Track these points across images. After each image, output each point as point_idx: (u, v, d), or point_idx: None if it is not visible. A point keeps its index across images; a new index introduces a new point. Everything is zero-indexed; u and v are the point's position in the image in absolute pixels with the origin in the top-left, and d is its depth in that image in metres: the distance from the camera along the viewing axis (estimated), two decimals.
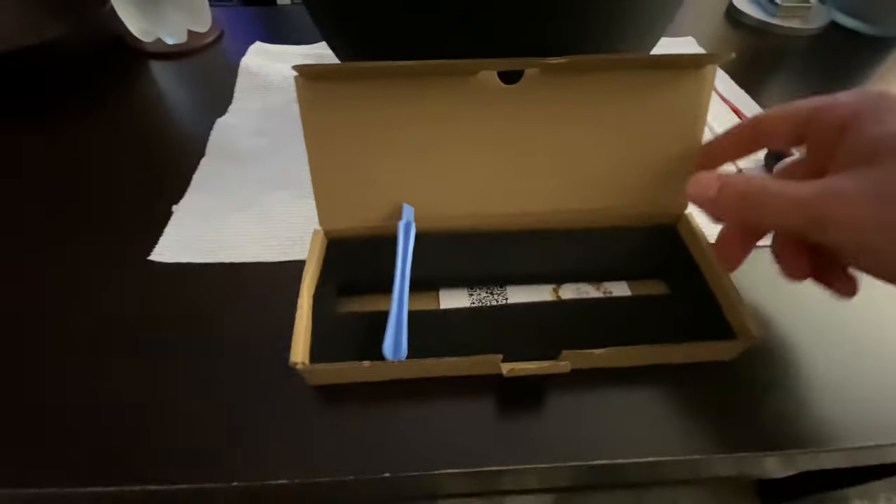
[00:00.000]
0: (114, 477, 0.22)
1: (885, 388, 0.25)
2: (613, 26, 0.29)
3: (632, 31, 0.30)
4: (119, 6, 0.47)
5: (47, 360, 0.26)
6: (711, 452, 0.23)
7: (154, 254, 0.31)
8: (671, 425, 0.24)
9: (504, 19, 0.27)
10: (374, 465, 0.22)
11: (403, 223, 0.27)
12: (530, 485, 0.25)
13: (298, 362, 0.22)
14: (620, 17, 0.28)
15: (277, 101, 0.43)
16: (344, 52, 0.34)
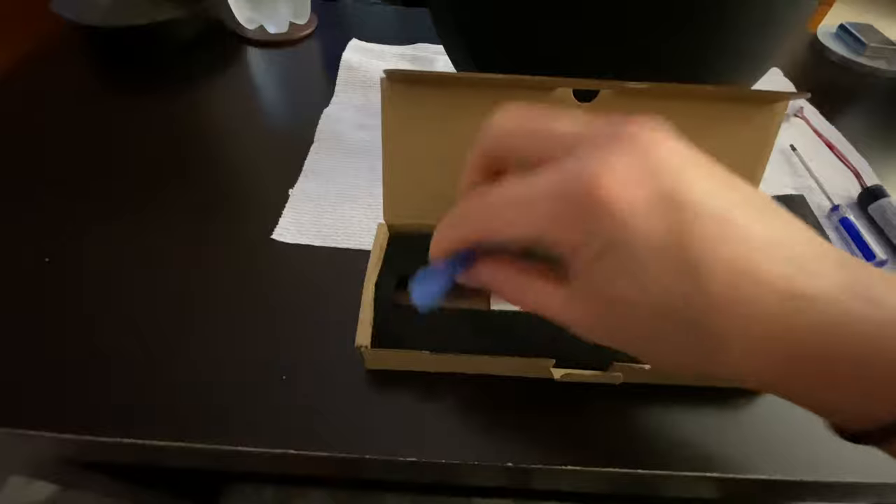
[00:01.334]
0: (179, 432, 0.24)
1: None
2: (728, 63, 0.30)
3: (740, 65, 0.31)
4: None
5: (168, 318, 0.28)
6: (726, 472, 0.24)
7: (276, 234, 0.32)
8: (703, 445, 0.25)
9: (632, 45, 0.28)
10: (408, 448, 0.24)
11: None
12: (561, 486, 0.27)
13: (362, 346, 0.24)
14: (734, 52, 0.30)
15: (376, 98, 0.45)
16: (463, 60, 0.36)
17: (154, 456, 0.26)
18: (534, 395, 0.26)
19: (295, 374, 0.26)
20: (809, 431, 0.25)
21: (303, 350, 0.27)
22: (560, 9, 0.27)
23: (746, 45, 0.30)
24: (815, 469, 0.24)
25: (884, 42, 0.54)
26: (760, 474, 0.24)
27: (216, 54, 0.50)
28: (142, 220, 0.33)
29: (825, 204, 0.37)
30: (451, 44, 0.36)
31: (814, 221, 0.35)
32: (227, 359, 0.27)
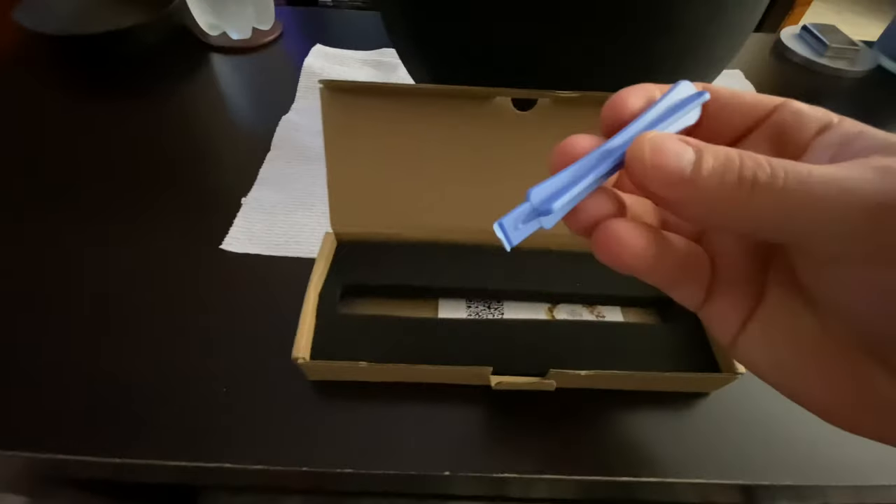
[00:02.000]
0: (118, 450, 0.24)
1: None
2: (679, 63, 0.30)
3: (695, 66, 0.31)
4: (191, 1, 0.49)
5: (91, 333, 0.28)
6: (680, 477, 0.24)
7: (225, 243, 0.32)
8: (648, 449, 0.25)
9: (577, 51, 0.28)
10: (352, 459, 0.24)
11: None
12: (509, 493, 0.27)
13: (299, 357, 0.24)
14: (686, 53, 0.30)
15: None
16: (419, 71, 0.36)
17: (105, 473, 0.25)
18: (476, 403, 0.26)
19: (239, 387, 0.26)
20: (746, 432, 0.26)
21: (248, 362, 0.27)
22: (510, 15, 0.27)
23: (695, 47, 0.30)
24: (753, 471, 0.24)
25: (845, 43, 0.54)
26: (709, 478, 0.24)
27: (179, 61, 0.50)
28: (91, 227, 0.33)
29: None
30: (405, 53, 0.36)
31: None
32: (168, 372, 0.27)
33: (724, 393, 0.27)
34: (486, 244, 0.30)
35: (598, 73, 0.28)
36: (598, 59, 0.28)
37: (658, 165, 0.13)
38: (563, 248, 0.30)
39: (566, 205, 0.15)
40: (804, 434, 0.26)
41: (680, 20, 0.27)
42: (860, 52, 0.55)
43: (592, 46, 0.28)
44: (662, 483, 0.24)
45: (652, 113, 0.15)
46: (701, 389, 0.27)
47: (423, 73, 0.33)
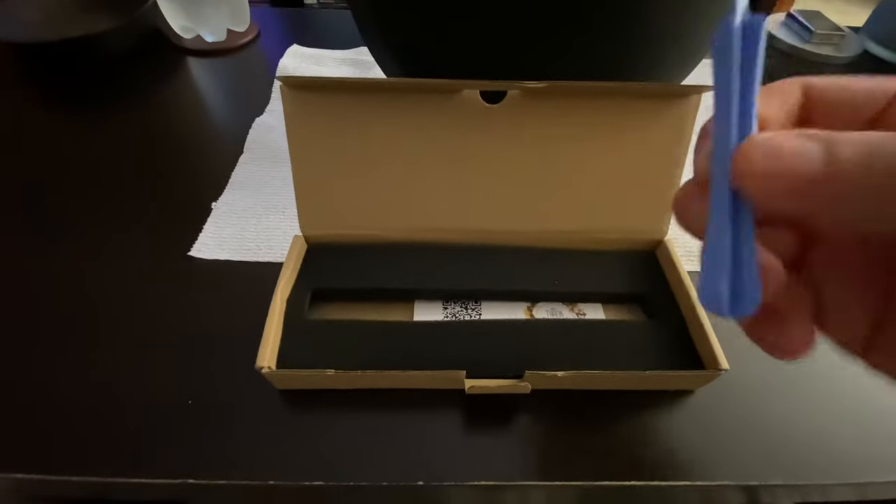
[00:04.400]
0: (77, 467, 0.23)
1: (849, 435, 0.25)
2: (654, 54, 0.29)
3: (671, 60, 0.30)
4: (162, 3, 0.48)
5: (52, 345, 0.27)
6: (669, 480, 0.23)
7: (194, 249, 0.31)
8: (631, 450, 0.24)
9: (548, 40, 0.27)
10: (323, 471, 0.23)
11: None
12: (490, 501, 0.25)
13: (264, 366, 0.23)
14: (660, 45, 0.29)
15: None
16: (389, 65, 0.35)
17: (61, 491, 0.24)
18: (453, 409, 0.25)
19: (206, 398, 0.25)
20: (735, 430, 0.25)
21: (217, 371, 0.26)
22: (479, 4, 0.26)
23: (672, 35, 0.29)
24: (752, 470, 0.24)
25: (831, 28, 0.54)
26: (700, 479, 0.23)
27: (152, 66, 0.49)
28: (59, 236, 0.32)
29: None
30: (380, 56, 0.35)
31: None
32: (131, 382, 0.26)
33: (710, 389, 0.26)
34: (462, 243, 0.29)
35: (569, 63, 0.27)
36: (568, 48, 0.27)
37: (779, 174, 0.11)
38: (542, 246, 0.30)
39: (753, 290, 0.12)
40: (795, 431, 0.25)
41: (654, 5, 0.27)
42: (846, 37, 0.54)
43: (563, 36, 0.27)
44: (647, 486, 0.23)
45: (727, 96, 0.12)
46: (685, 387, 0.26)
47: (394, 67, 0.33)
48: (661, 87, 0.27)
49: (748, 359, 0.27)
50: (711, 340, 0.24)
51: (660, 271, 0.29)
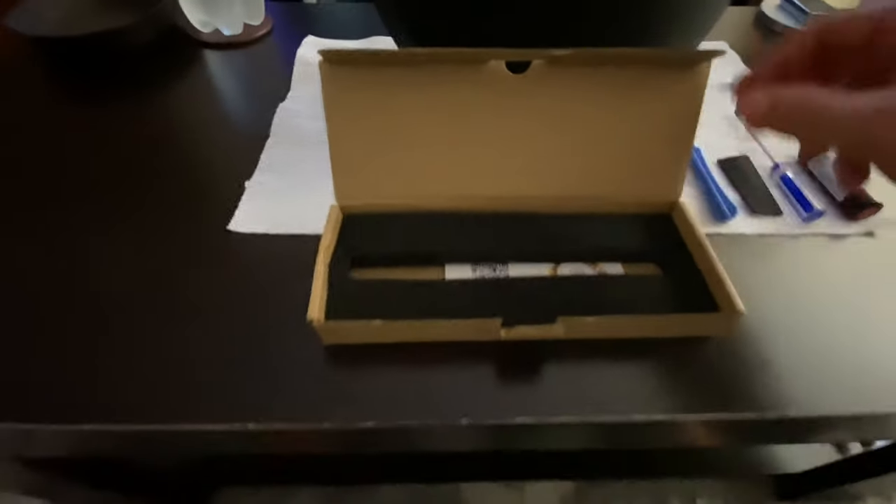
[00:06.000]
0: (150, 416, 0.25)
1: (865, 365, 0.27)
2: (659, 27, 0.31)
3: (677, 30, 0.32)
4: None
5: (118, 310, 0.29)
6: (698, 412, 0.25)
7: (231, 224, 0.33)
8: (658, 393, 0.26)
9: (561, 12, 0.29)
10: (372, 415, 0.24)
11: None
12: (526, 444, 0.27)
13: (314, 319, 0.25)
14: (668, 17, 0.31)
15: None
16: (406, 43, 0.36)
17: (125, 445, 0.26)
18: (487, 359, 0.27)
19: (256, 355, 0.27)
20: (764, 369, 0.27)
21: (262, 332, 0.28)
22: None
23: (683, 8, 0.31)
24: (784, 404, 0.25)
25: (825, 10, 0.56)
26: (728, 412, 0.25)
27: (172, 58, 0.51)
28: (102, 222, 0.34)
29: (768, 164, 0.38)
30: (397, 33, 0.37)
31: (756, 180, 0.37)
32: (190, 343, 0.27)
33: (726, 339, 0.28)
34: (488, 209, 0.31)
35: (585, 32, 0.29)
36: (587, 17, 0.29)
37: (744, 114, 0.21)
38: (563, 210, 0.31)
39: None
40: (824, 365, 0.27)
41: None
42: None
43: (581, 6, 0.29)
44: (673, 423, 0.25)
45: None
46: (705, 332, 0.28)
47: None
48: (676, 53, 0.29)
49: (762, 306, 0.29)
50: (728, 287, 0.26)
51: (674, 231, 0.31)
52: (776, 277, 0.31)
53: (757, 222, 0.34)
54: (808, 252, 0.33)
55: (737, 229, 0.34)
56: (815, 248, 0.33)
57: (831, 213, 0.35)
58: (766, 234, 0.34)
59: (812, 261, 0.32)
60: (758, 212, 0.35)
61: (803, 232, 0.34)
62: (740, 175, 0.37)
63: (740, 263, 0.31)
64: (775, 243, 0.33)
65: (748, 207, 0.35)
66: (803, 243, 0.33)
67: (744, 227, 0.34)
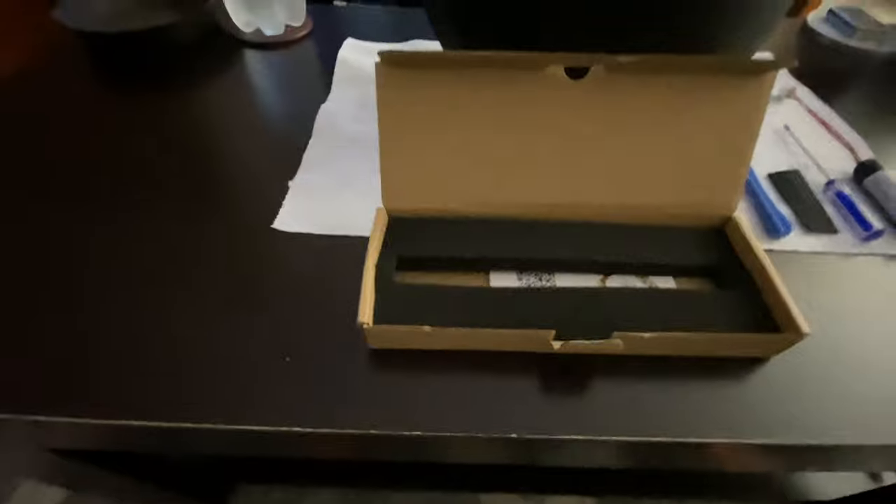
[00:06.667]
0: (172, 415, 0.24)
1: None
2: (716, 34, 0.30)
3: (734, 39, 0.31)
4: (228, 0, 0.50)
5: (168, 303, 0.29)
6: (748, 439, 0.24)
7: (276, 223, 0.33)
8: (712, 415, 0.25)
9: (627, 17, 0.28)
10: (410, 425, 0.24)
11: None
12: (566, 461, 0.27)
13: (364, 322, 0.24)
14: (725, 24, 0.30)
15: (372, 92, 0.45)
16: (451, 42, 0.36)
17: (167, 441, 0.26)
18: (534, 372, 0.26)
19: (299, 356, 0.26)
20: (822, 393, 0.25)
21: (304, 333, 0.27)
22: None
23: (746, 15, 0.30)
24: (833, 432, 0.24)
25: (873, 24, 0.54)
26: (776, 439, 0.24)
27: (214, 56, 0.51)
28: (146, 214, 0.34)
29: (821, 179, 0.37)
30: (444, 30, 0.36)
31: (809, 196, 0.35)
32: (232, 341, 0.27)
33: (780, 357, 0.27)
34: (538, 218, 0.31)
35: (643, 44, 0.28)
36: (640, 24, 0.28)
37: None
38: (614, 220, 0.31)
39: None
40: (877, 392, 0.25)
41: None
42: (887, 32, 0.55)
43: (637, 16, 0.28)
44: (732, 445, 0.24)
45: None
46: (764, 353, 0.27)
47: None
48: (739, 61, 0.28)
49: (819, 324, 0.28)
50: (790, 306, 0.25)
51: (728, 246, 0.30)
52: (831, 297, 0.30)
53: (811, 240, 0.33)
54: (864, 272, 0.32)
55: (790, 246, 0.33)
56: (872, 268, 0.32)
57: (890, 233, 0.33)
58: (821, 252, 0.33)
59: (869, 281, 0.31)
60: (812, 229, 0.34)
61: (860, 251, 0.33)
62: (792, 190, 0.36)
63: (793, 282, 0.30)
64: (831, 262, 0.32)
65: (802, 224, 0.34)
66: (860, 263, 0.32)
67: (797, 245, 0.33)
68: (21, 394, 0.25)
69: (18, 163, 0.38)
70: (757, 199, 0.35)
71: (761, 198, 0.35)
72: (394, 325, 0.25)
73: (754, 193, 0.35)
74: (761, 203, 0.34)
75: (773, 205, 0.34)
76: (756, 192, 0.35)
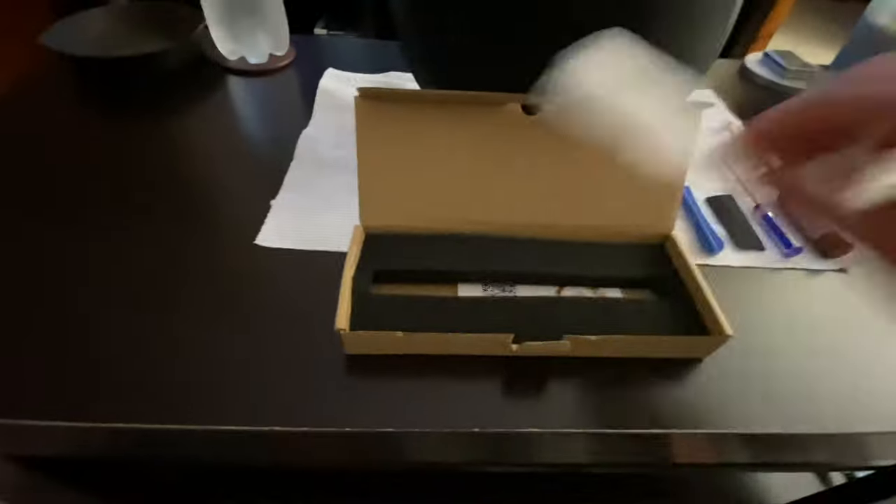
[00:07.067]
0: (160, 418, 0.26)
1: (840, 389, 0.30)
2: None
3: None
4: (213, 28, 0.53)
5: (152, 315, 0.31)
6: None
7: (259, 239, 0.35)
8: (654, 409, 0.28)
9: None
10: (393, 421, 0.26)
11: None
12: (527, 456, 0.29)
13: (342, 328, 0.27)
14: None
15: (351, 120, 0.48)
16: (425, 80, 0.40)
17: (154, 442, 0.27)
18: (497, 373, 0.29)
19: (279, 364, 0.29)
20: (759, 389, 0.29)
21: (285, 341, 0.30)
22: (512, 41, 0.31)
23: (680, 49, 0.34)
24: None
25: (803, 66, 0.61)
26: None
27: (200, 83, 0.54)
28: (134, 233, 0.36)
29: (751, 203, 0.42)
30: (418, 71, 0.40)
31: (740, 217, 0.40)
32: (214, 350, 0.29)
33: (716, 358, 0.30)
34: (501, 235, 0.34)
35: None
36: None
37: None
38: (568, 238, 0.34)
39: None
40: (802, 388, 0.29)
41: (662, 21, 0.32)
42: (816, 73, 0.62)
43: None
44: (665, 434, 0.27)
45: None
46: (696, 354, 0.30)
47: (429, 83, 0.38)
48: None
49: (749, 329, 0.32)
50: (716, 311, 0.29)
51: (667, 261, 0.34)
52: (759, 306, 0.34)
53: (742, 256, 0.37)
54: (788, 284, 0.36)
55: (723, 261, 0.37)
56: (794, 281, 0.36)
57: (809, 250, 0.38)
58: (750, 267, 0.37)
59: (791, 292, 0.36)
60: (742, 246, 0.38)
61: (784, 266, 0.37)
62: (726, 212, 0.41)
63: (725, 293, 0.34)
64: (758, 275, 0.37)
65: (734, 242, 0.38)
66: (784, 276, 0.37)
67: (730, 260, 0.37)
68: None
69: (8, 183, 0.40)
70: (695, 219, 0.39)
71: (699, 218, 0.39)
72: (368, 330, 0.28)
73: (693, 214, 0.40)
74: (698, 223, 0.39)
75: (708, 225, 0.39)
76: (694, 213, 0.40)
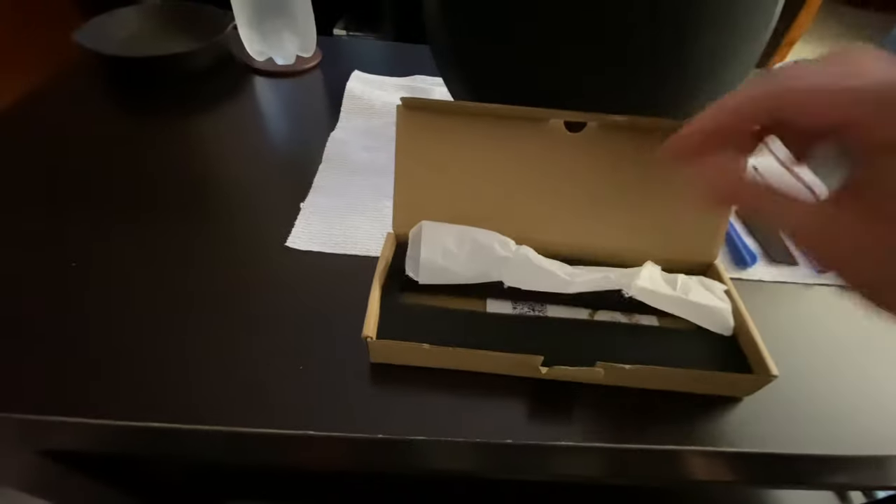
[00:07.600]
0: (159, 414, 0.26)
1: (872, 409, 0.29)
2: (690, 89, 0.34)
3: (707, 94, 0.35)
4: (242, 29, 0.53)
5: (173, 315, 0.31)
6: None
7: (289, 241, 0.35)
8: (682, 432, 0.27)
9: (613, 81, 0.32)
10: (408, 431, 0.26)
11: None
12: (548, 470, 0.29)
13: (368, 336, 0.27)
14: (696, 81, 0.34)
15: (379, 123, 0.49)
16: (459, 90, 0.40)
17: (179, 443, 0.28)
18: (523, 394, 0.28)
19: (308, 367, 0.29)
20: (782, 435, 0.29)
21: (314, 345, 0.30)
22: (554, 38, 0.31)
23: (704, 81, 0.34)
24: None
25: None
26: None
27: (227, 83, 0.54)
28: (160, 232, 0.36)
29: None
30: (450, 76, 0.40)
31: (774, 231, 0.39)
32: (243, 351, 0.29)
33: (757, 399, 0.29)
34: None
35: (629, 100, 0.32)
36: (632, 86, 0.32)
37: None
38: (604, 262, 0.33)
39: None
40: (827, 408, 0.29)
41: (690, 46, 0.31)
42: None
43: (628, 76, 0.32)
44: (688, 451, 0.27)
45: None
46: (737, 393, 0.29)
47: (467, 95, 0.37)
48: None
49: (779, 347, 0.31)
50: (762, 349, 0.28)
51: None
52: (791, 322, 0.34)
53: (774, 270, 0.37)
54: (820, 300, 0.36)
55: (756, 276, 0.36)
56: (827, 297, 0.36)
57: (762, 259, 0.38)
58: (783, 282, 0.36)
59: (824, 307, 0.35)
60: (775, 260, 0.37)
61: (816, 282, 0.37)
62: (758, 225, 0.40)
63: (757, 308, 0.33)
64: (791, 290, 0.36)
65: (767, 256, 0.38)
66: (816, 292, 0.36)
67: (763, 274, 0.37)
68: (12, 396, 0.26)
69: (34, 180, 0.40)
70: (729, 233, 0.39)
71: (731, 232, 0.39)
72: (395, 340, 0.27)
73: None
74: (731, 236, 0.38)
75: (741, 238, 0.38)
76: (728, 227, 0.39)
